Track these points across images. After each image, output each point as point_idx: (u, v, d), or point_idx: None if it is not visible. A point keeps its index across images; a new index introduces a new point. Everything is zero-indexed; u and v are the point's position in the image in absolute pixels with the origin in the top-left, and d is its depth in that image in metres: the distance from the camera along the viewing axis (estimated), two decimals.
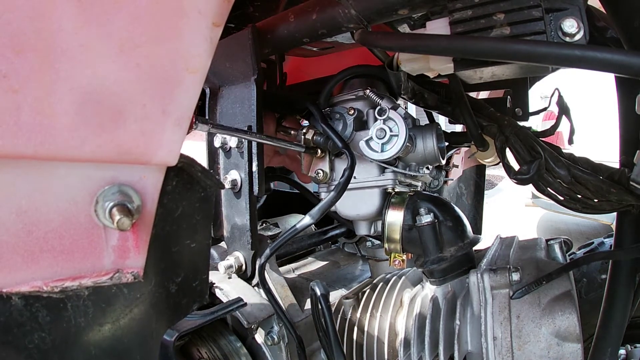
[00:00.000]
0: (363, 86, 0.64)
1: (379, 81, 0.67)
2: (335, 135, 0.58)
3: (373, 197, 0.62)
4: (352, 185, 0.63)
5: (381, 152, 0.59)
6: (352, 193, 0.63)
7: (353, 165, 0.56)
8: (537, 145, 0.52)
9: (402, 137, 0.57)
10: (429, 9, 0.45)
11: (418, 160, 0.63)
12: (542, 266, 0.54)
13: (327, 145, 0.61)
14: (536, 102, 0.80)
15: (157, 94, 0.27)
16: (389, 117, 0.58)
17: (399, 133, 0.58)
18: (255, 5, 0.69)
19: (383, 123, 0.58)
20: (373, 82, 0.66)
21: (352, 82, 0.67)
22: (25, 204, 0.26)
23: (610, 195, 0.49)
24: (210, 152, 0.65)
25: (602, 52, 0.34)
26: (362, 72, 0.66)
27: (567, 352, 0.48)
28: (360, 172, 0.63)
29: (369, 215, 0.63)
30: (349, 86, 0.67)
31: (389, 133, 0.58)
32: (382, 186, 0.62)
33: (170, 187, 0.32)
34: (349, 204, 0.64)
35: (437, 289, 0.59)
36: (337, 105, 0.66)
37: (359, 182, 0.63)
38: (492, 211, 3.97)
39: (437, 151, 0.61)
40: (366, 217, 0.64)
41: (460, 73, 0.47)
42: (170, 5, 0.26)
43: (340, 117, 0.63)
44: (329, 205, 0.53)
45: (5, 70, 0.22)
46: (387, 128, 0.58)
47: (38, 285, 0.27)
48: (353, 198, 0.63)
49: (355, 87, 0.66)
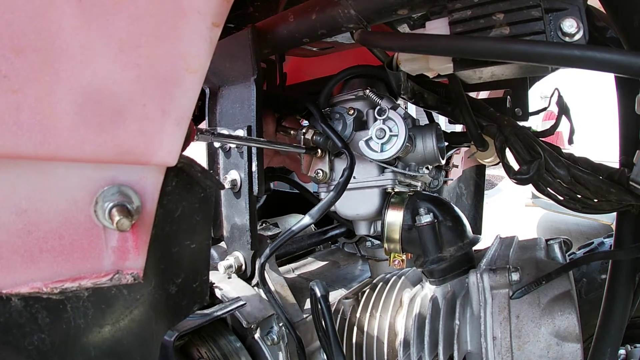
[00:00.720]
0: (363, 86, 0.64)
1: (379, 81, 0.67)
2: (334, 134, 0.58)
3: (373, 197, 0.62)
4: (351, 185, 0.63)
5: (381, 152, 0.59)
6: (351, 193, 0.63)
7: (352, 165, 0.56)
8: (537, 145, 0.52)
9: (401, 137, 0.57)
10: (429, 9, 0.45)
11: (418, 160, 0.63)
12: (541, 266, 0.54)
13: (327, 145, 0.61)
14: (536, 102, 0.80)
15: (157, 94, 0.27)
16: (388, 117, 0.58)
17: (398, 133, 0.58)
18: (255, 5, 0.69)
19: (383, 123, 0.59)
20: (373, 82, 0.66)
21: (352, 82, 0.67)
22: (25, 204, 0.26)
23: (609, 195, 0.49)
24: (210, 153, 0.65)
25: (601, 52, 0.34)
26: (362, 72, 0.66)
27: (567, 352, 0.48)
28: (359, 172, 0.63)
29: (369, 215, 0.63)
30: (348, 86, 0.67)
31: (388, 133, 0.58)
32: (381, 186, 0.62)
33: (170, 187, 0.32)
34: (348, 204, 0.64)
35: (437, 289, 0.59)
36: (337, 105, 0.66)
37: (359, 182, 0.63)
38: (492, 211, 3.97)
39: (436, 151, 0.61)
40: (366, 217, 0.64)
41: (460, 73, 0.47)
42: (169, 5, 0.26)
43: (340, 117, 0.63)
44: (328, 205, 0.53)
45: (5, 70, 0.22)
46: (387, 128, 0.58)
47: (38, 286, 0.27)
48: (353, 198, 0.63)
49: (355, 87, 0.66)
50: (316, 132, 0.61)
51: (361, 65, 0.66)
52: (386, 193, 0.62)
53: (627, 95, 0.55)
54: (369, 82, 0.66)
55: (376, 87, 0.66)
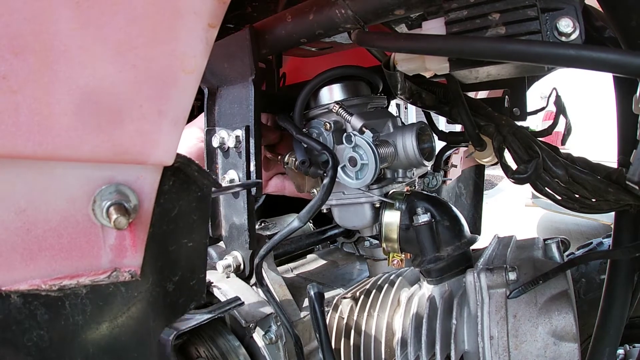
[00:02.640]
0: (342, 90, 0.61)
1: (360, 81, 0.65)
2: (312, 140, 0.57)
3: (364, 211, 0.62)
4: (342, 201, 0.63)
5: (356, 180, 0.57)
6: (344, 208, 0.64)
7: (335, 165, 0.55)
8: (535, 144, 0.52)
9: (372, 165, 0.54)
10: (425, 9, 0.45)
11: (403, 165, 0.60)
12: (539, 266, 0.54)
13: (308, 171, 0.59)
14: (536, 102, 0.80)
15: (154, 94, 0.28)
16: (356, 144, 0.55)
17: (368, 161, 0.55)
18: (253, 6, 0.70)
19: (352, 150, 0.56)
20: (353, 83, 0.63)
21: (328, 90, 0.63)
22: (24, 203, 0.26)
23: (607, 194, 0.49)
24: (209, 152, 0.66)
25: (597, 51, 0.34)
26: (340, 75, 0.62)
27: (564, 352, 0.48)
28: (347, 189, 0.62)
29: (365, 226, 0.64)
30: (323, 95, 0.63)
31: (360, 161, 0.55)
32: (369, 202, 0.61)
33: (167, 186, 0.32)
34: (344, 216, 0.65)
35: (434, 288, 0.59)
36: (314, 119, 0.63)
37: (348, 199, 0.63)
38: (492, 211, 3.96)
39: (417, 153, 0.57)
40: (362, 227, 0.64)
41: (456, 73, 0.48)
42: (166, 7, 0.27)
43: (318, 134, 0.60)
44: (316, 208, 0.53)
45: (4, 71, 0.23)
46: (357, 155, 0.55)
47: (36, 284, 0.27)
48: (346, 212, 0.64)
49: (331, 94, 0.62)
50: (292, 154, 0.60)
51: (337, 68, 0.62)
52: (376, 207, 0.61)
53: (625, 95, 0.55)
54: (347, 86, 0.63)
55: (357, 88, 0.63)
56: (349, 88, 0.64)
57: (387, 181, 0.62)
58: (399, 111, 3.21)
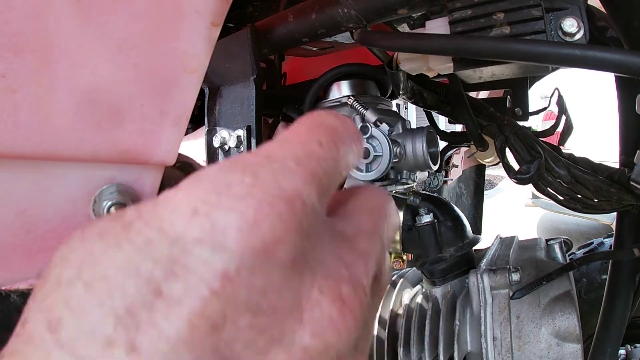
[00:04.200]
0: (351, 88, 0.62)
1: (369, 80, 0.64)
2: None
3: None
4: None
5: (367, 173, 0.56)
6: None
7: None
8: (537, 145, 0.52)
9: (385, 158, 0.54)
10: (428, 9, 0.45)
11: (409, 167, 0.60)
12: (541, 266, 0.54)
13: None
14: (537, 102, 0.80)
15: (155, 94, 0.27)
16: (372, 135, 0.55)
17: (382, 153, 0.55)
18: (254, 5, 0.69)
19: (366, 142, 0.55)
20: (363, 82, 0.63)
21: (336, 86, 0.63)
22: (24, 203, 0.26)
23: (610, 195, 0.49)
24: (210, 152, 0.65)
25: (602, 51, 0.34)
26: (348, 72, 0.62)
27: (567, 353, 0.48)
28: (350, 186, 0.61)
29: None
30: (333, 90, 0.63)
31: (373, 153, 0.54)
32: None
33: (168, 186, 0.32)
34: None
35: (437, 289, 0.59)
36: None
37: None
38: (492, 211, 3.96)
39: (427, 157, 0.57)
40: None
41: (460, 73, 0.47)
42: (168, 5, 0.26)
43: None
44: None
45: (3, 70, 0.22)
46: (371, 147, 0.55)
47: (36, 283, 0.27)
48: None
49: (340, 90, 0.62)
50: None
51: (346, 65, 0.62)
52: None
53: (628, 95, 0.54)
54: (357, 84, 0.62)
55: (367, 87, 0.63)
56: (358, 86, 0.64)
57: (389, 181, 0.62)
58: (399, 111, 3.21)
